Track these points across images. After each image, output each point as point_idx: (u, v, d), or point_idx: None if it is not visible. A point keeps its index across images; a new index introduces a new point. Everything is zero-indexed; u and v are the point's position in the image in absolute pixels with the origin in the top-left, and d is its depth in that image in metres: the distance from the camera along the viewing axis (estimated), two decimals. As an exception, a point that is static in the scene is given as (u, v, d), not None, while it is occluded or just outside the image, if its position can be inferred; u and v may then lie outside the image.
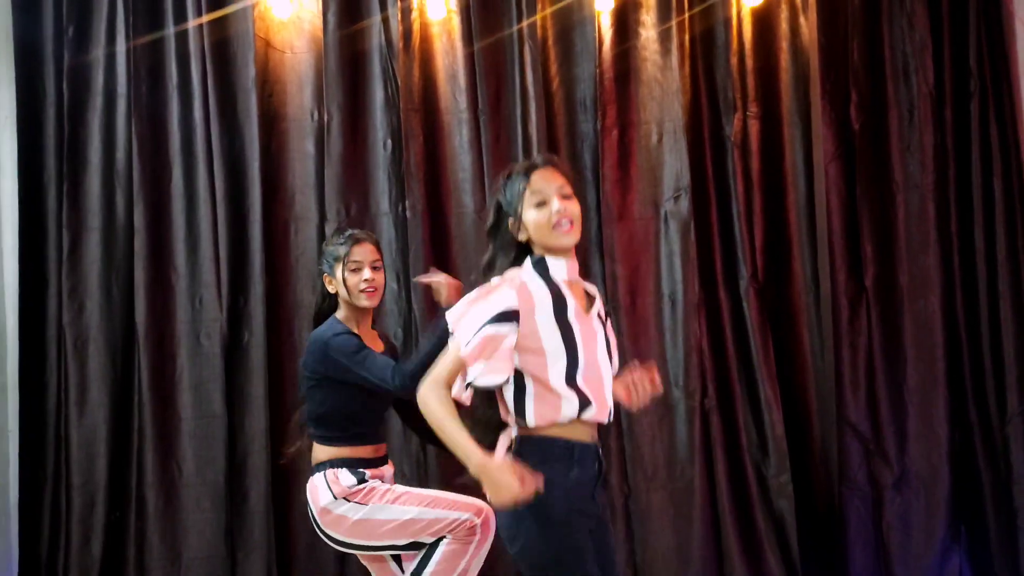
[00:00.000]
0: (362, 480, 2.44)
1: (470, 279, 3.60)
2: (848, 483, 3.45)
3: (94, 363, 3.39)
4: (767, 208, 3.59)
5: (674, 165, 3.50)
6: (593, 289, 2.08)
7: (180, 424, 3.37)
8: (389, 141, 3.48)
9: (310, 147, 3.49)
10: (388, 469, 2.60)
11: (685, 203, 3.48)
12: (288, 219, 3.49)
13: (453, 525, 2.35)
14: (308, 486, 2.48)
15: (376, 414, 2.58)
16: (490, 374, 1.85)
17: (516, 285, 1.88)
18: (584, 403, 1.88)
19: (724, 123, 3.58)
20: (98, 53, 3.46)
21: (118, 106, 3.45)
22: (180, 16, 3.44)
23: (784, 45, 3.58)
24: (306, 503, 2.71)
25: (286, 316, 3.47)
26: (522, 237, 1.96)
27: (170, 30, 3.44)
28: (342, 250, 2.48)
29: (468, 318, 1.87)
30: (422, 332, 3.36)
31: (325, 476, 2.44)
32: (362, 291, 2.45)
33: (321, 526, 2.45)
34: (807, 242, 3.56)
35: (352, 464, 2.49)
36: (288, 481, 3.36)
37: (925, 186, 3.50)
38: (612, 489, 3.31)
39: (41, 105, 3.47)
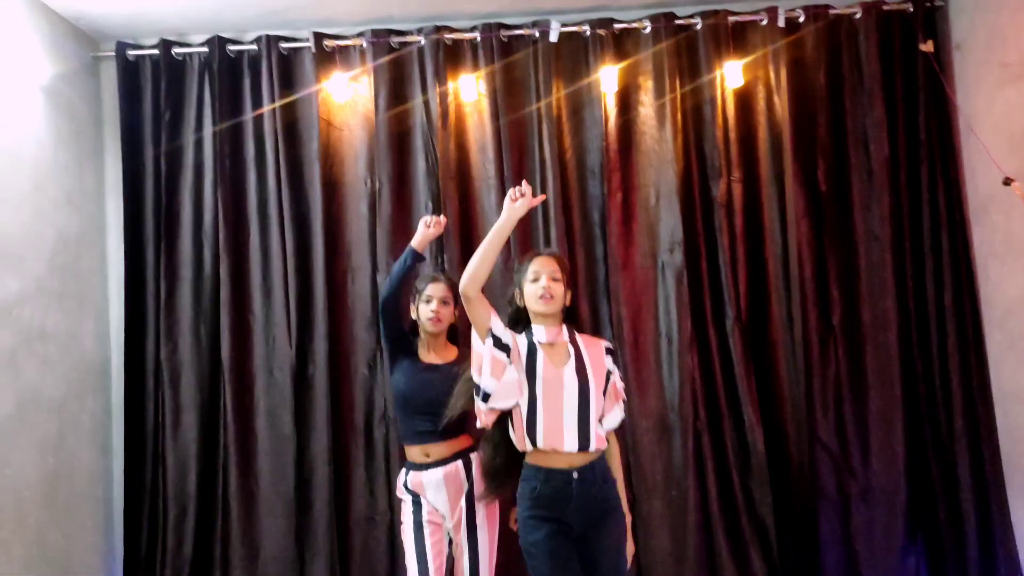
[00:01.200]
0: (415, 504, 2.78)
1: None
2: (820, 493, 3.56)
3: (186, 393, 3.63)
4: (749, 258, 3.69)
5: (669, 222, 3.64)
6: (596, 346, 2.53)
7: (257, 444, 3.60)
8: (430, 203, 3.69)
9: (364, 209, 3.71)
10: (432, 474, 2.76)
11: (679, 255, 3.61)
12: (346, 269, 3.71)
13: None
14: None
15: (413, 416, 2.81)
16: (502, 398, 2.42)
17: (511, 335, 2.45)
18: (533, 440, 2.40)
19: (711, 186, 3.69)
20: (189, 135, 3.73)
21: (206, 178, 3.71)
22: (256, 103, 3.73)
23: (762, 120, 3.71)
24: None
25: (345, 351, 3.65)
26: (521, 303, 2.53)
27: (248, 115, 3.72)
28: (420, 286, 2.94)
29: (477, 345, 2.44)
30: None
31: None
32: (428, 319, 2.89)
33: None
34: (783, 287, 3.63)
35: (406, 467, 2.87)
36: (347, 493, 3.61)
37: (883, 239, 3.60)
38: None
39: (142, 178, 3.73)
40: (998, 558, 3.48)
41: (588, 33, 3.75)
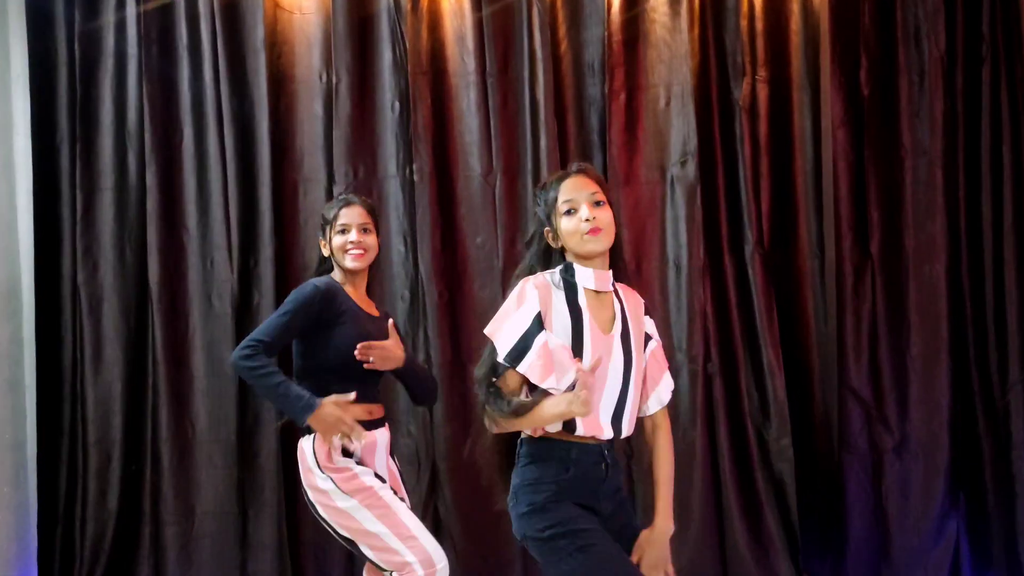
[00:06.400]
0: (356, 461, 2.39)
1: (476, 242, 3.62)
2: (848, 448, 3.47)
3: (108, 321, 3.46)
4: (774, 173, 3.58)
5: (681, 129, 3.50)
6: (635, 300, 2.14)
7: (193, 382, 3.44)
8: (397, 103, 3.50)
9: (318, 109, 3.52)
10: (382, 434, 2.51)
11: (692, 168, 3.48)
12: (297, 180, 3.53)
13: (402, 568, 2.27)
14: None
15: (365, 372, 2.45)
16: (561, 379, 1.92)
17: (539, 283, 1.97)
18: (570, 425, 1.96)
19: (733, 87, 3.57)
20: (109, 16, 3.48)
21: (129, 68, 3.49)
22: (190, -24, 3.47)
23: (795, 8, 3.54)
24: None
25: (295, 277, 3.42)
26: (557, 244, 2.05)
27: (180, -10, 3.47)
28: (330, 213, 2.52)
29: (505, 330, 1.95)
30: (428, 295, 3.37)
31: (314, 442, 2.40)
32: (347, 251, 2.45)
33: (305, 487, 2.43)
34: (813, 208, 3.55)
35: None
36: (297, 440, 3.19)
37: (934, 152, 3.47)
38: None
39: (53, 67, 3.50)
40: (1052, 526, 3.39)
41: None
